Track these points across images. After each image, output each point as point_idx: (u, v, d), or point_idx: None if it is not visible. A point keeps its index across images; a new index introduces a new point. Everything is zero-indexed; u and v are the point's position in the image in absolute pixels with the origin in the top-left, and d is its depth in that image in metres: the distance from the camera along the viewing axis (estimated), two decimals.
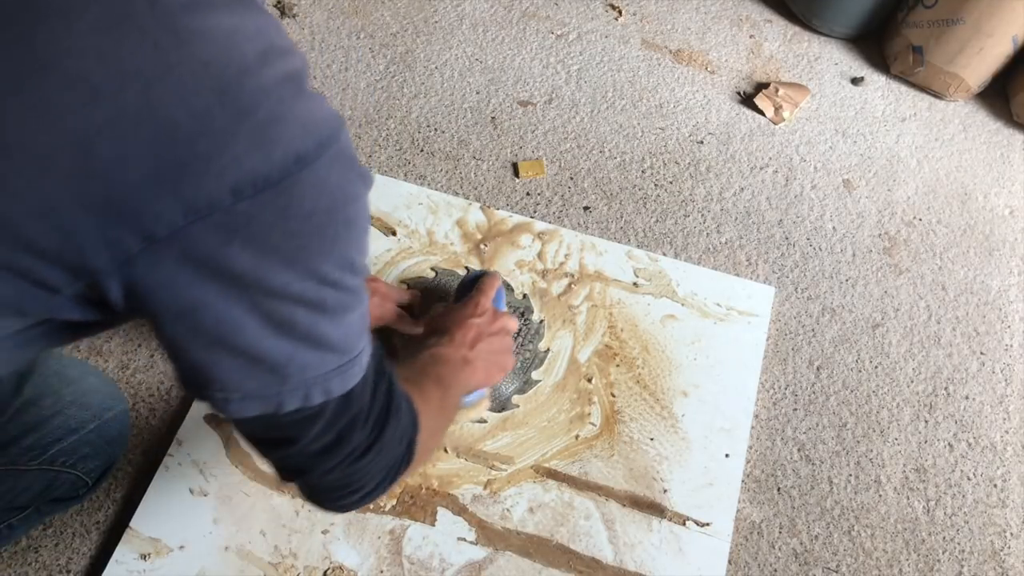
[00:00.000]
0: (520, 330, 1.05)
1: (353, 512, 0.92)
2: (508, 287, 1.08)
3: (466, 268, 1.10)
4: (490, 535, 0.92)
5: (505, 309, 0.96)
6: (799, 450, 1.03)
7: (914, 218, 1.26)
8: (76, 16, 0.35)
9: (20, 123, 0.35)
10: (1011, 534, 0.99)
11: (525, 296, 1.09)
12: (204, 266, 0.39)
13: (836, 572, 0.95)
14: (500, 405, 1.00)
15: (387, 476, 0.57)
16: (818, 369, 1.09)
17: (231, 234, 0.38)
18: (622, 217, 1.21)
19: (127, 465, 0.96)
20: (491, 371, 0.83)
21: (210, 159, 0.37)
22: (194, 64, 0.36)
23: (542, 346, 1.05)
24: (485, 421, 0.99)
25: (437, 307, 1.03)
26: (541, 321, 1.07)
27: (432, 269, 1.10)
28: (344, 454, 0.51)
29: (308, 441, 0.49)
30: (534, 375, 1.03)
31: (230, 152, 0.37)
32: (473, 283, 0.92)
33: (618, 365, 1.05)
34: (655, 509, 0.95)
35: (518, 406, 1.00)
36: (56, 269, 0.38)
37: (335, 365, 0.47)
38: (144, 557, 0.88)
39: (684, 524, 0.94)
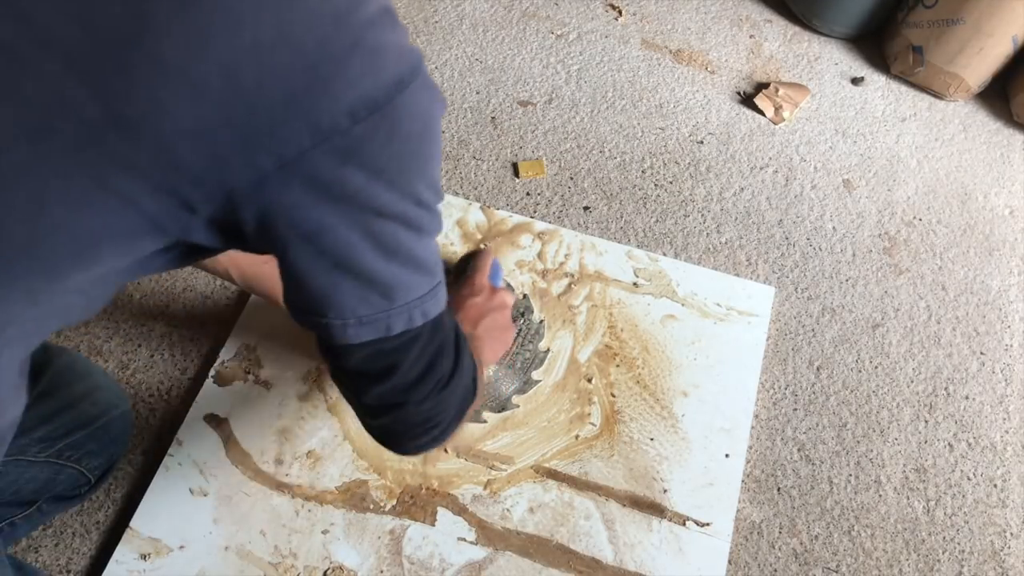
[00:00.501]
0: (520, 330, 1.05)
1: (353, 512, 0.92)
2: (508, 286, 1.08)
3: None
4: (490, 535, 0.92)
5: (501, 284, 0.96)
6: (799, 450, 1.03)
7: (914, 218, 1.26)
8: None
9: (181, 49, 0.37)
10: (1011, 534, 0.99)
11: (525, 296, 1.09)
12: (325, 189, 0.43)
13: (836, 572, 0.95)
14: (500, 405, 1.00)
15: (459, 410, 0.60)
16: (818, 369, 1.09)
17: (347, 156, 0.42)
18: (622, 217, 1.21)
19: (127, 465, 0.96)
20: (496, 347, 0.85)
21: (329, 83, 0.40)
22: None
23: (542, 346, 1.05)
24: (485, 421, 0.99)
25: None
26: (541, 321, 1.07)
27: None
28: (435, 381, 0.56)
29: (407, 367, 0.54)
30: (534, 375, 1.03)
31: (345, 77, 0.40)
32: (467, 263, 0.92)
33: (618, 365, 1.05)
34: (655, 509, 0.95)
35: (518, 406, 1.00)
36: (200, 189, 0.41)
37: (428, 288, 0.52)
38: (144, 557, 0.88)
39: (684, 524, 0.94)
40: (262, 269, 0.89)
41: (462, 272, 0.91)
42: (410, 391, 0.55)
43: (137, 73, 0.37)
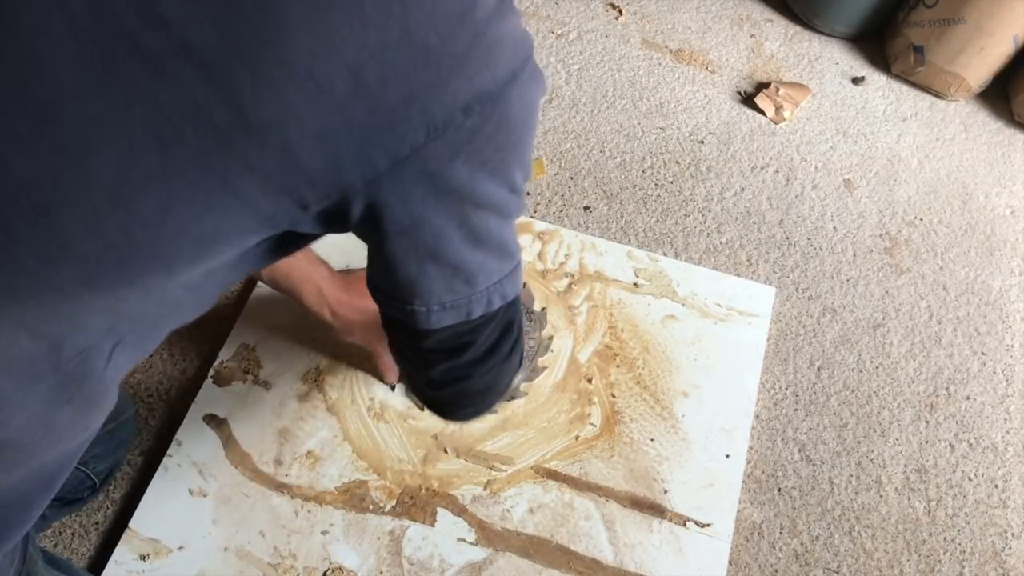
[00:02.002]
0: (528, 319, 1.06)
1: (353, 512, 0.92)
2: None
3: None
4: (490, 536, 0.92)
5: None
6: (800, 450, 1.02)
7: (915, 218, 1.26)
8: None
9: (312, 53, 0.37)
10: (1012, 535, 0.99)
11: (525, 286, 1.09)
12: (433, 183, 0.43)
13: (837, 573, 0.95)
14: (509, 394, 1.00)
15: (511, 378, 0.63)
16: (819, 369, 1.09)
17: (457, 150, 0.42)
18: (622, 217, 1.20)
19: (126, 465, 0.95)
20: None
21: (449, 79, 0.40)
22: None
23: (545, 334, 1.05)
24: (496, 411, 0.99)
25: None
26: (543, 309, 1.07)
27: None
28: (501, 355, 0.58)
29: (479, 345, 0.55)
30: (540, 362, 1.03)
31: (466, 72, 0.40)
32: None
33: (618, 365, 1.04)
34: (655, 510, 0.95)
35: (527, 393, 1.00)
36: (316, 189, 0.41)
37: (509, 270, 0.53)
38: (143, 558, 0.88)
39: (684, 525, 0.94)
40: (288, 267, 0.88)
41: None
42: (477, 365, 0.57)
43: (267, 77, 0.37)
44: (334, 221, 0.45)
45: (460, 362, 0.56)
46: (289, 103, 0.38)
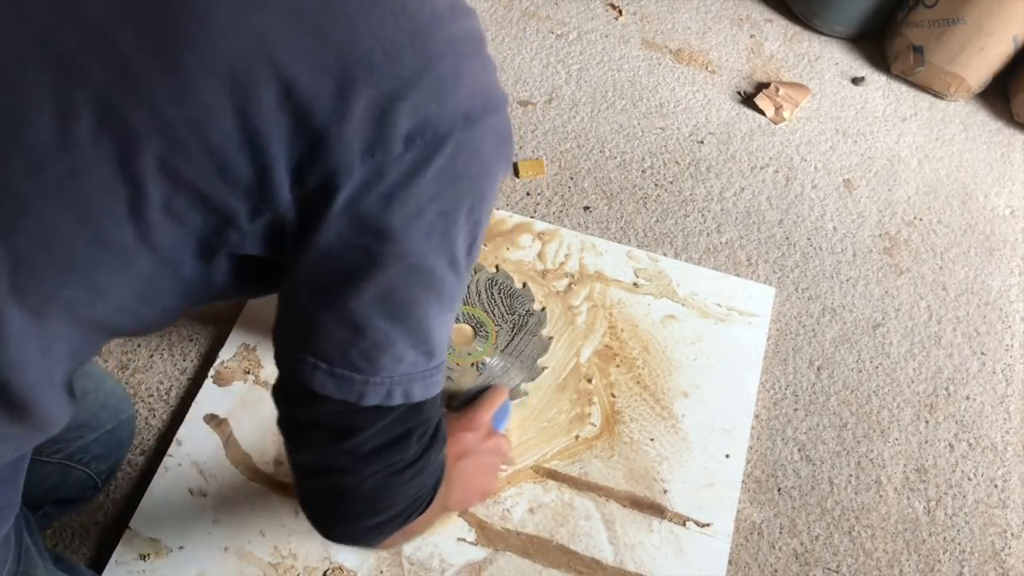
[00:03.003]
0: (526, 320, 1.06)
1: None
2: (507, 276, 1.08)
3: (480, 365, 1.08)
4: (490, 535, 0.92)
5: (503, 430, 0.92)
6: (799, 450, 1.03)
7: (915, 218, 1.26)
8: None
9: (239, 54, 0.36)
10: (1012, 535, 0.99)
11: (525, 285, 1.09)
12: (360, 214, 0.40)
13: (837, 572, 0.95)
14: (512, 394, 1.00)
15: (407, 509, 0.53)
16: (819, 369, 1.09)
17: (394, 186, 0.39)
18: (622, 217, 1.21)
19: (126, 465, 0.96)
20: (469, 492, 0.76)
21: (394, 101, 0.37)
22: (394, 4, 0.37)
23: (545, 333, 1.05)
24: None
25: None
26: (543, 308, 1.07)
27: None
28: (392, 462, 0.50)
29: (365, 438, 0.47)
30: (540, 362, 1.03)
31: (411, 97, 0.38)
32: (475, 396, 0.88)
33: (618, 365, 1.05)
34: (655, 509, 0.95)
35: (527, 393, 1.00)
36: (244, 200, 0.39)
37: (423, 368, 0.47)
38: (144, 557, 0.88)
39: (684, 524, 0.94)
40: None
41: (467, 403, 0.87)
42: (359, 462, 0.48)
43: (188, 77, 0.35)
44: (278, 240, 0.42)
45: (339, 448, 0.48)
46: (211, 104, 0.36)
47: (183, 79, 0.35)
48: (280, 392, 0.49)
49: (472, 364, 1.01)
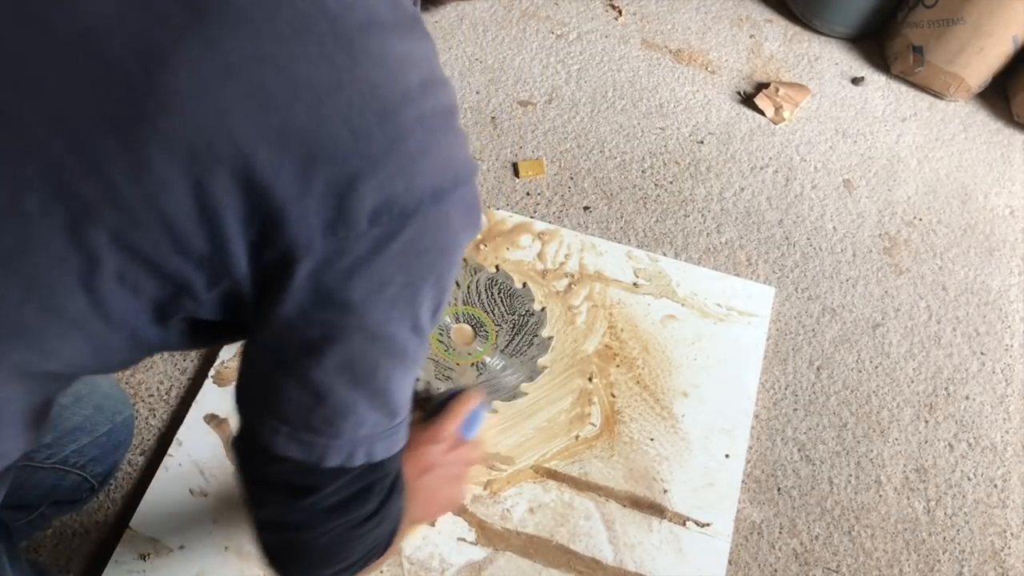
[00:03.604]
0: (527, 321, 1.06)
1: None
2: (507, 276, 1.08)
3: (464, 261, 1.10)
4: (490, 535, 0.92)
5: (474, 435, 0.86)
6: (799, 450, 1.03)
7: (914, 218, 1.26)
8: (264, 24, 0.36)
9: (199, 130, 0.35)
10: (1011, 534, 0.99)
11: (525, 285, 1.09)
12: (322, 288, 0.39)
13: (836, 572, 0.95)
14: (511, 395, 1.00)
15: (363, 558, 0.53)
16: (818, 369, 1.09)
17: (356, 263, 0.38)
18: (622, 217, 1.21)
19: (127, 465, 0.95)
20: (431, 506, 0.74)
21: (358, 180, 0.37)
22: (364, 85, 0.37)
23: (545, 333, 1.05)
24: (496, 411, 0.99)
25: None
26: (542, 309, 1.07)
27: None
28: (350, 517, 0.49)
29: (325, 495, 0.47)
30: (540, 362, 1.03)
31: (378, 176, 0.37)
32: (445, 403, 0.81)
33: (618, 365, 1.05)
34: (655, 509, 0.95)
35: (527, 393, 1.00)
36: (200, 272, 0.38)
37: (385, 428, 0.46)
38: (144, 557, 0.88)
39: (684, 524, 0.94)
40: None
41: (436, 413, 0.81)
42: (318, 518, 0.48)
43: (144, 152, 0.35)
44: (234, 307, 0.41)
45: (298, 506, 0.47)
46: (167, 178, 0.35)
47: (139, 155, 0.35)
48: (240, 447, 0.48)
49: (472, 364, 1.02)
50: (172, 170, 0.35)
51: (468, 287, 1.08)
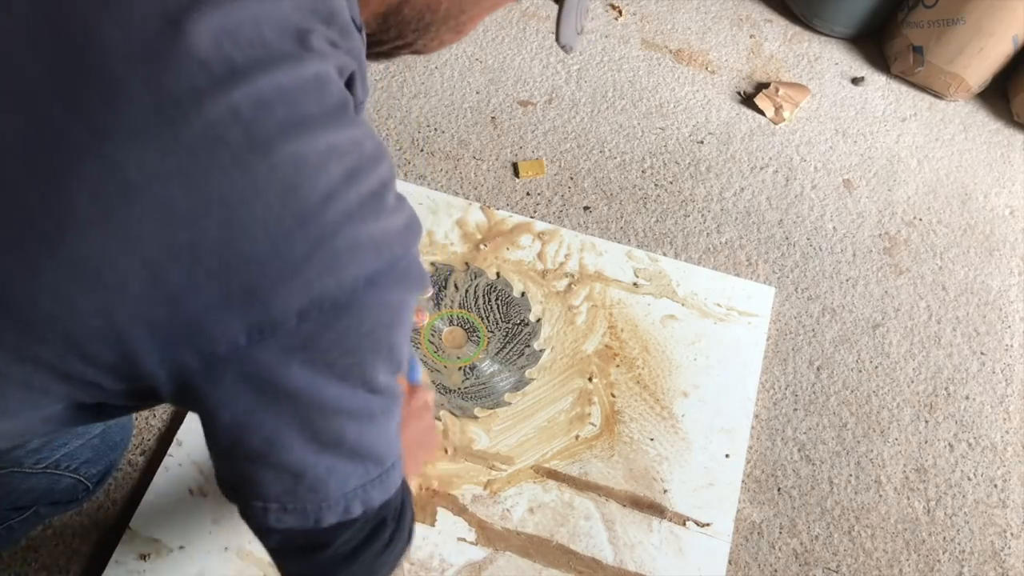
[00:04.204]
0: (520, 331, 1.06)
1: None
2: (507, 284, 1.08)
3: (465, 264, 1.10)
4: (490, 535, 0.92)
5: (419, 377, 0.89)
6: (799, 450, 1.03)
7: (914, 218, 1.26)
8: (172, 138, 0.34)
9: (103, 251, 0.34)
10: (1011, 534, 0.99)
11: (523, 294, 1.09)
12: (261, 386, 0.39)
13: (836, 572, 0.95)
14: (494, 402, 1.00)
15: (393, 567, 0.55)
16: (818, 369, 1.09)
17: (291, 353, 0.38)
18: (622, 217, 1.21)
19: (127, 465, 0.95)
20: (418, 457, 0.79)
21: (281, 283, 0.36)
22: (280, 189, 0.35)
23: (537, 346, 1.05)
24: (477, 417, 0.99)
25: None
26: (538, 320, 1.07)
27: (431, 264, 1.10)
28: (372, 552, 0.50)
29: (339, 546, 0.48)
30: (528, 374, 1.03)
31: (303, 277, 0.36)
32: None
33: (618, 365, 1.05)
34: (655, 509, 0.95)
35: (510, 403, 1.00)
36: (111, 377, 0.38)
37: (376, 474, 0.47)
38: (144, 557, 0.88)
39: (684, 524, 0.94)
40: None
41: None
42: (340, 563, 0.49)
43: (47, 275, 0.34)
44: (154, 397, 0.41)
45: (320, 558, 0.48)
46: (70, 300, 0.35)
47: (38, 277, 0.34)
48: (245, 522, 0.49)
49: (459, 368, 1.02)
50: (74, 291, 0.35)
51: (466, 291, 1.08)
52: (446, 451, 0.97)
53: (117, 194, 0.34)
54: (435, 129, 1.28)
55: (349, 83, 0.42)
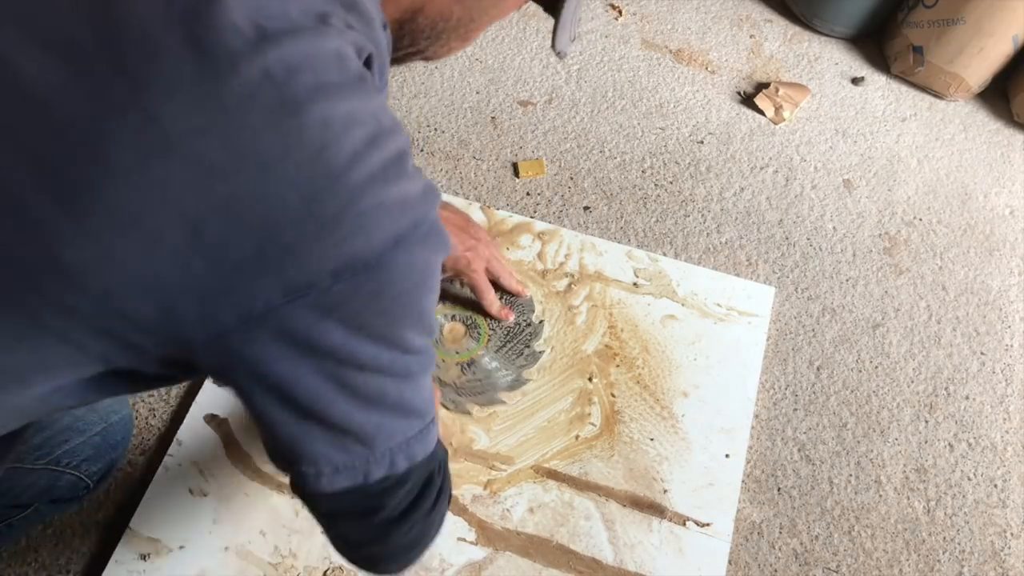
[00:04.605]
0: (522, 330, 1.06)
1: None
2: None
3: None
4: (490, 535, 0.92)
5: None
6: (799, 450, 1.03)
7: (914, 218, 1.26)
8: (208, 95, 0.36)
9: (141, 200, 0.35)
10: (1011, 534, 0.99)
11: (529, 297, 1.09)
12: (297, 342, 0.40)
13: (836, 572, 0.95)
14: (489, 400, 1.00)
15: (442, 522, 0.58)
16: (818, 369, 1.09)
17: (326, 312, 0.39)
18: (622, 217, 1.21)
19: (127, 465, 0.96)
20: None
21: (315, 242, 0.37)
22: (311, 149, 0.37)
23: (537, 346, 1.05)
24: (470, 412, 0.99)
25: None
26: (540, 322, 1.07)
27: None
28: (422, 512, 0.53)
29: (391, 508, 0.50)
30: (525, 374, 1.03)
31: (335, 236, 0.37)
32: None
33: (618, 365, 1.05)
34: (655, 509, 0.95)
35: (505, 403, 1.00)
36: (149, 336, 0.39)
37: (417, 430, 0.49)
38: (144, 557, 0.88)
39: (684, 524, 0.94)
40: None
41: None
42: (394, 524, 0.51)
43: (87, 221, 0.35)
44: (187, 368, 0.42)
45: (371, 523, 0.51)
46: (109, 250, 0.36)
47: (78, 223, 0.35)
48: (296, 492, 0.50)
49: (457, 363, 1.02)
50: (113, 240, 0.36)
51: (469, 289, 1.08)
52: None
53: (155, 146, 0.35)
54: (435, 129, 1.28)
55: (367, 65, 0.43)
